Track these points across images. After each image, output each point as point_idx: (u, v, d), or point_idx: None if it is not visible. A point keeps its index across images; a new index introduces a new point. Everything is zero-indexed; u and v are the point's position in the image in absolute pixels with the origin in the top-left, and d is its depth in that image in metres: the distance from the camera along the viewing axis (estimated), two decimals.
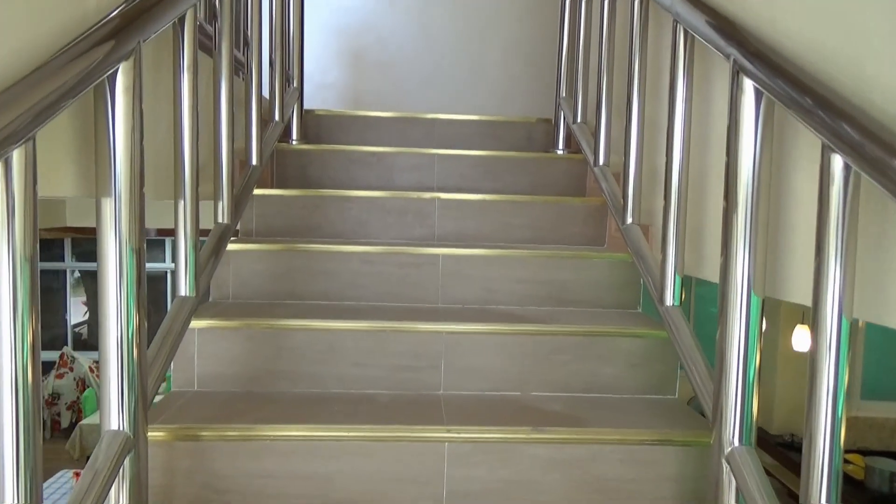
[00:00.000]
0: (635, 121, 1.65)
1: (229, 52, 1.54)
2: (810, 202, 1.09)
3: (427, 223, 2.03)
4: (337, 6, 3.46)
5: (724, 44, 1.09)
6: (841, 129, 0.85)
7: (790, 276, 1.13)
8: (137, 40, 1.01)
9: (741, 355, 1.09)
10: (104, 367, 1.04)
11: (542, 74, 3.47)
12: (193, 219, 1.33)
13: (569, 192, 2.31)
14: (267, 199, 1.99)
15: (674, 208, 1.39)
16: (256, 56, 1.83)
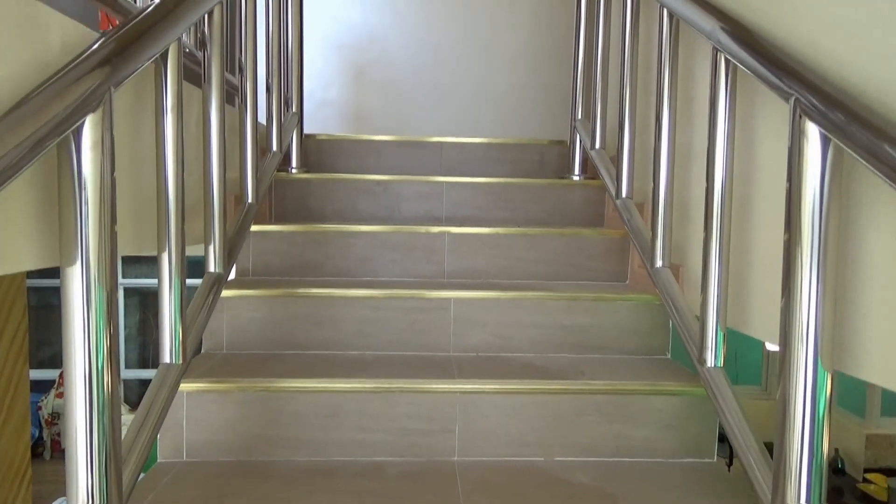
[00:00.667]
0: (665, 150, 1.51)
1: (220, 82, 1.41)
2: (884, 261, 0.94)
3: (436, 259, 1.89)
4: (339, 21, 3.33)
5: (784, 84, 0.95)
6: None
7: (860, 350, 0.98)
8: (108, 87, 0.88)
9: (805, 438, 0.95)
10: (70, 450, 0.91)
11: (555, 93, 3.34)
12: (180, 273, 1.19)
13: (586, 221, 2.17)
14: (265, 235, 1.86)
15: (715, 251, 1.24)
16: (251, 81, 1.69)
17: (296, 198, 2.13)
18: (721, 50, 1.18)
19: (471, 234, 1.89)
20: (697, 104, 1.55)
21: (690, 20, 1.31)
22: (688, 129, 1.58)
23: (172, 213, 1.18)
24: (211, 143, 1.41)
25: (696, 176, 1.55)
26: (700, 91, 1.54)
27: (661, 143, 1.51)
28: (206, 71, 1.40)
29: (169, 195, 1.17)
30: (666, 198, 1.51)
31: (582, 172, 2.25)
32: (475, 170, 2.42)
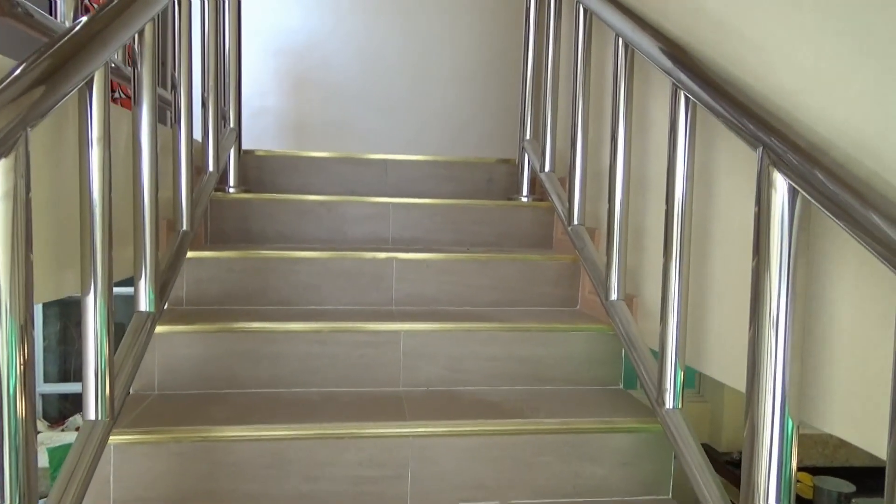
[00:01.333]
0: (620, 175, 1.49)
1: (152, 103, 1.30)
2: (850, 316, 0.93)
3: (384, 286, 1.82)
4: (277, 26, 3.21)
5: (751, 133, 0.92)
6: None
7: (826, 400, 0.97)
8: (23, 130, 0.77)
9: (772, 489, 0.93)
10: None
11: (503, 110, 3.31)
12: (106, 315, 1.08)
13: (535, 243, 2.15)
14: (201, 262, 1.74)
15: (674, 286, 1.22)
16: (186, 98, 1.58)
17: (234, 219, 2.01)
18: (681, 88, 1.16)
19: (419, 259, 1.83)
20: (654, 130, 1.54)
21: (648, 53, 1.28)
22: (642, 153, 1.57)
23: (99, 251, 1.07)
24: (142, 169, 1.30)
25: (653, 203, 1.54)
26: (656, 115, 1.53)
27: (616, 168, 1.49)
28: (137, 91, 1.29)
29: (95, 233, 1.06)
30: (621, 227, 1.49)
31: (530, 193, 2.22)
32: (422, 189, 2.36)
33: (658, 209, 1.48)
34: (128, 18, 1.11)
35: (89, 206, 1.05)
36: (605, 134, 1.84)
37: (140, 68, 1.29)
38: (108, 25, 1.05)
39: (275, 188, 2.30)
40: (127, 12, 1.11)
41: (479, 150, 3.30)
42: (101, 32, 1.03)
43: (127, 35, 1.10)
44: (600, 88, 1.86)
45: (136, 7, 1.15)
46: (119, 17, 1.08)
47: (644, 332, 1.49)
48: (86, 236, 1.05)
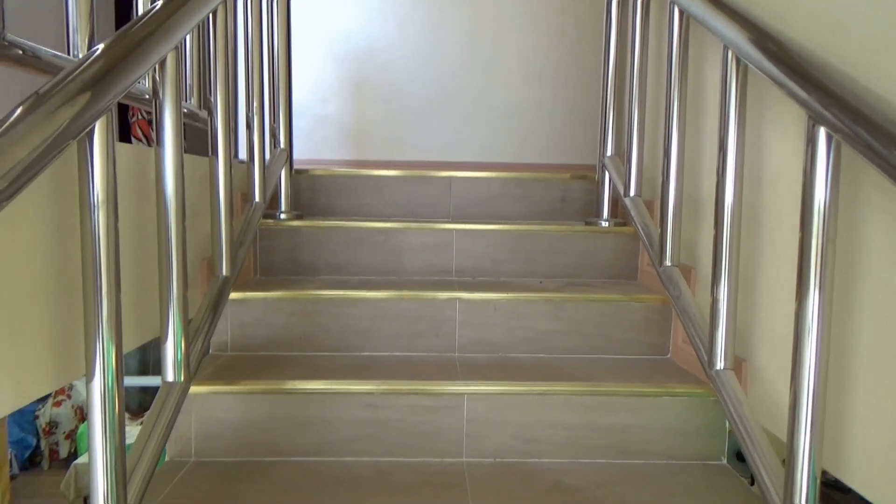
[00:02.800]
0: (728, 214, 1.22)
1: (176, 142, 1.13)
2: None
3: (445, 331, 1.62)
4: (336, 30, 3.04)
5: None
6: None
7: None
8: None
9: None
10: None
11: (578, 112, 3.04)
12: (115, 406, 0.92)
13: (618, 273, 1.89)
14: (246, 304, 1.59)
15: (810, 358, 0.96)
16: (224, 123, 1.41)
17: (284, 249, 1.85)
18: (821, 123, 0.89)
19: (485, 300, 1.62)
20: (771, 157, 1.27)
21: (770, 73, 1.02)
22: (755, 182, 1.30)
23: (104, 331, 0.91)
24: (168, 220, 1.13)
25: (773, 244, 1.27)
26: (772, 137, 1.26)
27: (724, 200, 1.22)
28: (160, 129, 1.13)
29: (102, 311, 0.90)
30: (730, 273, 1.22)
31: (611, 217, 1.97)
32: (489, 210, 2.14)
33: (782, 252, 1.21)
34: (141, 55, 0.94)
35: (94, 283, 0.88)
36: (704, 155, 1.57)
37: (162, 102, 1.12)
38: (120, 61, 0.89)
39: (329, 211, 2.13)
40: (140, 48, 0.94)
41: (550, 155, 3.05)
42: (112, 70, 0.87)
43: (137, 74, 0.93)
44: (698, 101, 1.59)
45: (153, 39, 0.98)
46: (130, 56, 0.91)
47: (757, 404, 1.23)
48: (90, 316, 0.89)
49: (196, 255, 1.53)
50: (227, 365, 1.49)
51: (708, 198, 1.53)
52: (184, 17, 1.08)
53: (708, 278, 1.47)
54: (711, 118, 1.52)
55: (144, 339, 1.22)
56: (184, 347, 1.16)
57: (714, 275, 1.25)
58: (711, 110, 1.52)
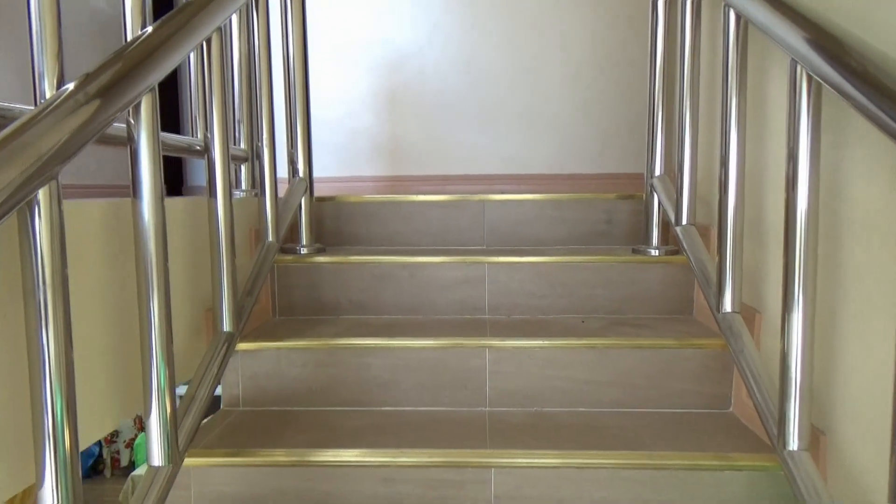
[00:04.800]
0: (800, 252, 1.02)
1: (155, 183, 1.01)
2: None
3: (474, 383, 1.46)
4: (367, 39, 2.91)
5: None
6: None
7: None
8: None
9: None
10: None
11: (621, 116, 2.83)
12: None
13: (670, 308, 1.69)
14: (259, 355, 1.47)
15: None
16: (222, 149, 1.29)
17: (305, 287, 1.72)
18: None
19: (520, 348, 1.45)
20: (852, 187, 1.06)
21: (854, 100, 0.82)
22: (832, 217, 1.09)
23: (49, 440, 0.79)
24: (150, 300, 1.01)
25: (859, 286, 1.06)
26: (853, 160, 1.05)
27: (794, 240, 1.02)
28: (135, 174, 1.00)
29: (47, 416, 0.78)
30: (807, 322, 1.02)
31: (662, 243, 1.76)
32: (526, 234, 1.97)
33: (871, 297, 1.01)
34: (114, 96, 0.81)
35: (41, 387, 0.76)
36: (768, 175, 1.36)
37: (137, 145, 0.99)
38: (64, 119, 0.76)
39: (355, 239, 1.99)
40: (111, 92, 0.81)
41: (594, 164, 2.85)
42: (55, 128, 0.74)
43: (95, 127, 0.80)
44: (759, 117, 1.38)
45: (122, 86, 0.85)
46: (99, 100, 0.78)
47: (839, 489, 1.03)
48: (37, 418, 0.77)
49: (200, 306, 1.42)
50: (236, 425, 1.37)
51: (775, 225, 1.32)
52: (155, 62, 0.94)
53: (777, 324, 1.27)
54: (777, 134, 1.31)
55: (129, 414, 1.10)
56: (170, 426, 1.04)
57: (784, 323, 1.04)
58: (777, 126, 1.31)
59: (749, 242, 1.38)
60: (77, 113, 0.78)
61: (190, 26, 1.09)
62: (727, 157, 1.27)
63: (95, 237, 1.04)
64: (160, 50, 0.97)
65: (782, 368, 1.05)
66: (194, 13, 1.11)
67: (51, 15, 0.98)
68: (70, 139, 0.76)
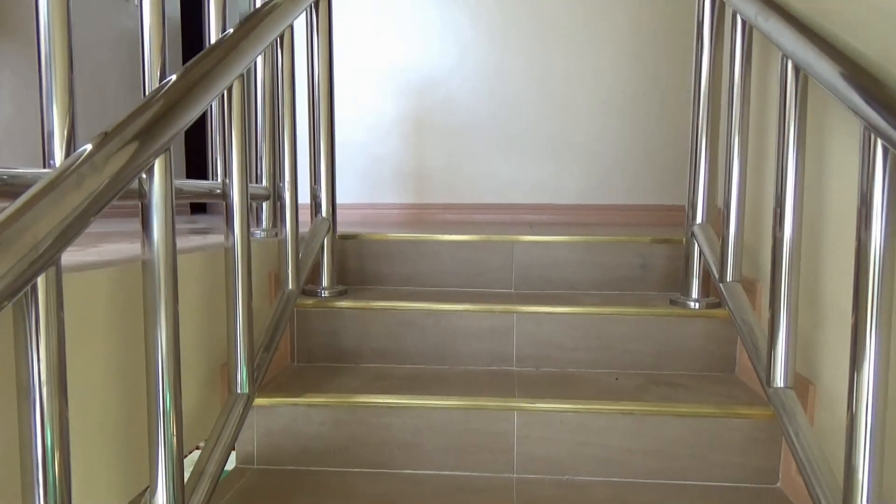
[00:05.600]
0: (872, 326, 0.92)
1: (168, 245, 0.94)
2: None
3: (501, 447, 1.37)
4: (395, 63, 2.85)
5: None
6: None
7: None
8: None
9: None
10: None
11: (658, 148, 2.73)
12: None
13: (710, 365, 1.59)
14: (275, 411, 1.40)
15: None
16: (241, 199, 1.22)
17: (325, 333, 1.66)
18: None
19: (550, 411, 1.36)
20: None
21: None
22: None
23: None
24: (158, 339, 0.94)
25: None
26: None
27: (871, 322, 0.93)
28: (147, 236, 0.94)
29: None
30: (876, 412, 0.92)
31: (702, 295, 1.66)
32: (556, 278, 1.88)
33: None
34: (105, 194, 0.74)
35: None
36: (826, 238, 1.26)
37: (150, 205, 0.93)
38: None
39: (379, 279, 1.92)
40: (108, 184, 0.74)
41: (623, 195, 2.75)
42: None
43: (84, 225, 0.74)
44: (816, 170, 1.28)
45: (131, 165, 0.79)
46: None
47: None
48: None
49: (216, 360, 1.35)
50: (250, 487, 1.30)
51: (832, 290, 1.22)
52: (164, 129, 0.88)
53: (834, 399, 1.17)
54: (838, 192, 1.21)
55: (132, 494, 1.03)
56: None
57: (852, 403, 0.94)
58: (838, 183, 1.21)
59: (802, 307, 1.28)
60: (81, 188, 0.72)
61: (211, 77, 1.03)
62: (782, 218, 1.18)
63: (104, 308, 0.98)
64: (176, 108, 0.91)
65: (847, 454, 0.95)
66: (217, 62, 1.05)
67: (62, 69, 0.93)
68: (75, 220, 0.70)
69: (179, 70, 0.98)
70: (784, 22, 1.11)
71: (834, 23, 1.20)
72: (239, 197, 1.22)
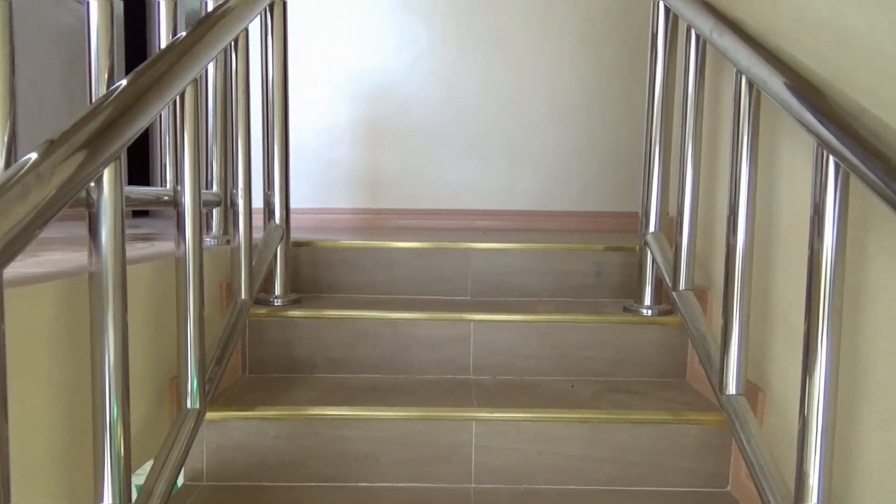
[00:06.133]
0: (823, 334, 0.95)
1: (117, 255, 0.90)
2: None
3: (459, 457, 1.36)
4: (349, 68, 2.82)
5: None
6: None
7: None
8: None
9: None
10: None
11: (611, 151, 2.78)
12: None
13: (663, 371, 1.63)
14: (226, 426, 1.35)
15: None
16: (193, 207, 1.19)
17: (278, 343, 1.62)
18: None
19: (508, 421, 1.36)
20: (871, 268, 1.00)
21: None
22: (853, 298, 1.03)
23: None
24: (106, 354, 0.90)
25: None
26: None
27: (822, 340, 0.95)
28: (95, 245, 0.89)
29: None
30: (826, 422, 0.95)
31: (655, 302, 1.69)
32: (511, 284, 1.88)
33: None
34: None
35: None
36: (778, 250, 1.30)
37: (98, 214, 0.89)
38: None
39: (333, 287, 1.89)
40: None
41: (578, 202, 2.79)
42: None
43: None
44: (768, 181, 1.32)
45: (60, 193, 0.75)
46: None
47: None
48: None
49: (165, 374, 1.30)
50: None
51: (783, 300, 1.26)
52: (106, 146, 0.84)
53: (783, 405, 1.21)
54: (789, 202, 1.25)
55: None
56: None
57: (804, 408, 0.97)
58: (789, 194, 1.25)
59: (752, 316, 1.31)
60: (27, 200, 0.68)
61: (164, 82, 0.99)
62: (735, 229, 1.20)
63: (48, 321, 0.92)
64: (127, 115, 0.87)
65: (800, 459, 0.98)
66: (169, 66, 1.01)
67: (3, 71, 0.88)
68: (20, 234, 0.65)
69: (128, 75, 0.94)
70: (739, 40, 1.14)
71: (787, 37, 1.24)
72: (192, 204, 1.18)
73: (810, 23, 1.18)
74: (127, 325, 0.93)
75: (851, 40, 1.06)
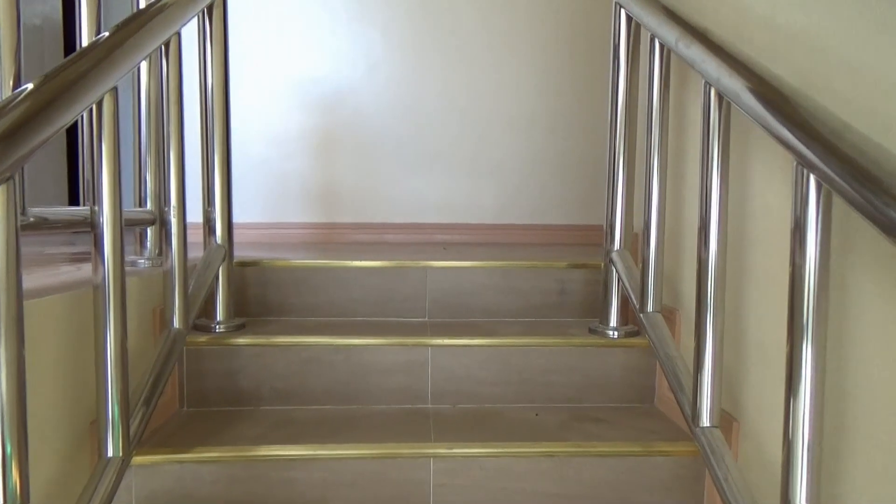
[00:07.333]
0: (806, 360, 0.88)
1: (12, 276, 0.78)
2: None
3: (418, 498, 1.26)
4: (301, 76, 2.70)
5: None
6: None
7: None
8: None
9: None
10: None
11: (571, 166, 2.71)
12: None
13: (631, 396, 1.55)
14: (157, 471, 1.22)
15: None
16: (113, 227, 1.07)
17: (220, 374, 1.49)
18: None
19: (468, 457, 1.26)
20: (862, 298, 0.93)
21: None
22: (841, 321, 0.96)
23: None
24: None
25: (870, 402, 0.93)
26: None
27: (803, 366, 0.88)
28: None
29: None
30: (811, 451, 0.88)
31: (621, 324, 1.62)
32: (472, 304, 1.79)
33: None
34: None
35: None
36: (749, 271, 1.23)
37: None
38: None
39: (282, 310, 1.76)
40: None
41: (544, 215, 2.71)
42: None
43: None
44: (738, 197, 1.26)
45: None
46: None
47: None
48: None
49: (84, 417, 1.16)
50: None
51: (756, 327, 1.19)
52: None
53: (760, 436, 1.14)
54: (761, 218, 1.19)
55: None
56: None
57: (788, 435, 0.89)
58: (761, 209, 1.19)
59: (725, 341, 1.24)
60: None
61: (74, 91, 0.87)
62: (707, 244, 1.13)
63: None
64: (23, 131, 0.75)
65: (784, 488, 0.90)
66: (81, 74, 0.89)
67: None
68: None
69: (31, 82, 0.82)
70: (708, 51, 1.07)
71: (753, 44, 1.18)
72: (111, 224, 1.05)
73: (780, 32, 1.12)
74: (24, 367, 0.80)
75: (826, 48, 0.99)
